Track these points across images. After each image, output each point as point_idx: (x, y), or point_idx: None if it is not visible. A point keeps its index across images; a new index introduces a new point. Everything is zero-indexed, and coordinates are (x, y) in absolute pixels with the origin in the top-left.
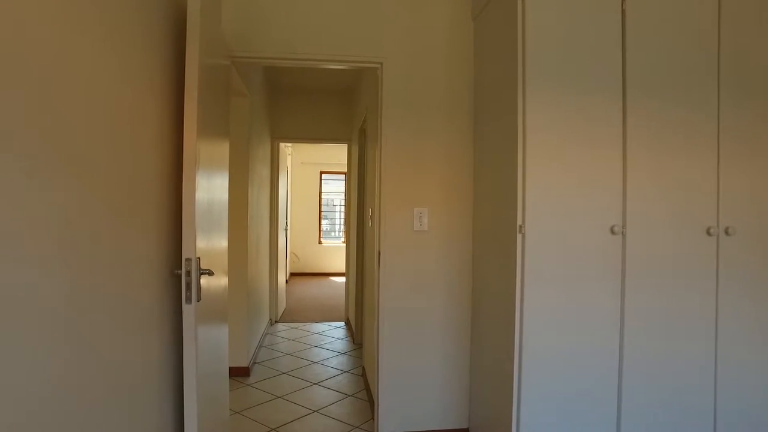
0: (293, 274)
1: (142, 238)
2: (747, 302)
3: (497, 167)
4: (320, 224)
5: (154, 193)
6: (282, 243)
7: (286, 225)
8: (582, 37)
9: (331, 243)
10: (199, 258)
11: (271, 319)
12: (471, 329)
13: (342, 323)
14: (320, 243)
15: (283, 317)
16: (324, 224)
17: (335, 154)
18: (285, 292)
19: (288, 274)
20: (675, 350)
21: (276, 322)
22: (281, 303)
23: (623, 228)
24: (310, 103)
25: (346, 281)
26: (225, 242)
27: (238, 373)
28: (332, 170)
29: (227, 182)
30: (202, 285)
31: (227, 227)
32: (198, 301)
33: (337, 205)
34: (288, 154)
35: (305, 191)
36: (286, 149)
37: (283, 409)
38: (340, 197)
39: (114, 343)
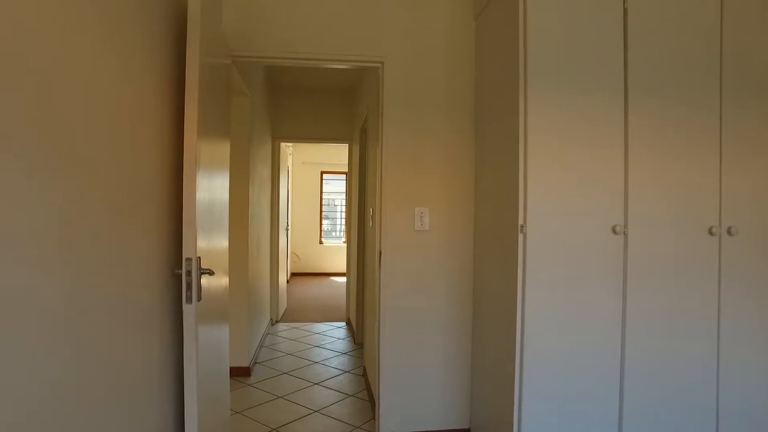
0: (294, 274)
1: (143, 237)
2: (749, 302)
3: (498, 167)
4: (321, 224)
5: (155, 193)
6: (283, 243)
7: (287, 225)
8: (583, 36)
9: (332, 243)
10: (200, 258)
11: (272, 319)
12: (472, 329)
13: (343, 323)
14: (321, 243)
15: (284, 317)
16: (325, 224)
17: (336, 154)
18: (286, 292)
19: (289, 274)
20: (677, 350)
21: (277, 322)
22: (282, 303)
23: (625, 228)
24: (311, 102)
25: (347, 281)
26: (226, 242)
27: (239, 373)
28: (333, 170)
29: (228, 182)
30: (203, 285)
31: (228, 227)
32: (198, 300)
33: (338, 204)
34: (289, 153)
35: (306, 191)
36: (287, 149)
37: (284, 409)
38: (341, 197)
39: (114, 342)
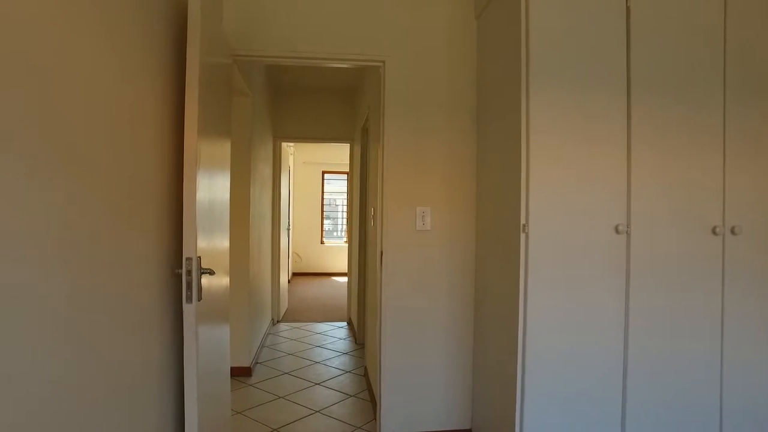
0: (295, 274)
1: (143, 237)
2: (753, 302)
3: (500, 166)
4: (322, 224)
5: (155, 193)
6: (284, 243)
7: (289, 225)
8: (585, 35)
9: (334, 243)
10: (200, 257)
11: (273, 319)
12: (474, 329)
13: (344, 323)
14: (322, 243)
15: (285, 317)
16: (326, 224)
17: (337, 154)
18: (287, 291)
19: (290, 273)
20: (680, 350)
21: (278, 321)
22: (283, 303)
23: (628, 227)
24: (313, 102)
25: (349, 281)
26: (226, 242)
27: (240, 373)
28: (334, 170)
29: (229, 182)
30: (203, 284)
31: (228, 227)
32: (199, 300)
33: (339, 204)
34: (290, 153)
35: (307, 191)
36: (289, 149)
37: (285, 409)
38: (343, 197)
39: (114, 342)
